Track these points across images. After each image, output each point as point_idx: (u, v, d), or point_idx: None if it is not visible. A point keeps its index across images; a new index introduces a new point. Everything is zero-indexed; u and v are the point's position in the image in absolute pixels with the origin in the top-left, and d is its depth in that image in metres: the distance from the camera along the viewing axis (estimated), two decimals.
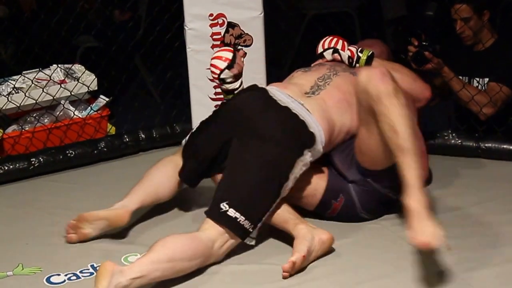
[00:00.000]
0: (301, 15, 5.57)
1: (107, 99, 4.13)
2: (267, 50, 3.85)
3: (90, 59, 4.29)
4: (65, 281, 2.76)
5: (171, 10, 4.17)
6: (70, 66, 4.17)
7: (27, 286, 2.74)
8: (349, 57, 3.25)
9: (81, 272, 2.81)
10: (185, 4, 3.77)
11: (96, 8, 4.67)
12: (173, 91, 4.47)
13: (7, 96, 3.86)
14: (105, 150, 3.89)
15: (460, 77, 3.84)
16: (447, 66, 3.72)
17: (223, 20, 3.78)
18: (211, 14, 3.77)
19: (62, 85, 3.99)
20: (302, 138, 2.93)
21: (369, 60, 3.23)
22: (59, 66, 4.09)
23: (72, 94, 4.01)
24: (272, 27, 4.00)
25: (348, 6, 5.53)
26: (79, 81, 4.04)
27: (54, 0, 4.39)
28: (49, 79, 3.98)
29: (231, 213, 2.80)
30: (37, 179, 3.69)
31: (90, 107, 4.09)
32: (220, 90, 3.30)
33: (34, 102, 3.90)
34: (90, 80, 4.08)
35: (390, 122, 2.76)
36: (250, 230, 2.83)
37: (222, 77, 3.13)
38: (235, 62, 3.13)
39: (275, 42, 4.32)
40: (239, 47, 3.80)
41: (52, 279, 2.77)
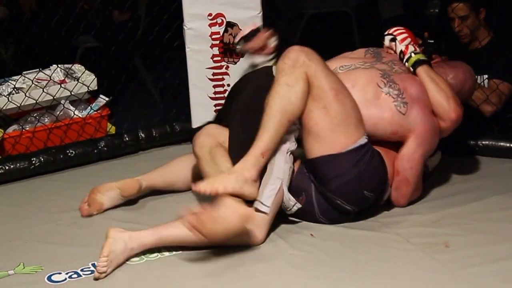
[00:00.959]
0: (299, 15, 5.58)
1: (107, 99, 4.14)
2: None
3: (90, 59, 4.29)
4: (66, 279, 2.77)
5: (170, 10, 4.18)
6: (70, 66, 4.17)
7: (28, 285, 2.74)
8: (401, 51, 3.29)
9: (82, 270, 2.81)
10: (184, 4, 3.78)
11: (95, 8, 4.68)
12: (172, 91, 4.48)
13: (8, 96, 3.87)
14: (105, 149, 3.90)
15: None
16: None
17: (222, 19, 3.80)
18: (210, 14, 3.79)
19: (62, 85, 4.00)
20: None
21: (419, 62, 3.21)
22: (59, 66, 4.10)
23: (72, 94, 4.02)
24: (270, 27, 4.01)
25: (346, 6, 5.54)
26: (79, 81, 4.04)
27: (54, 0, 4.39)
28: (49, 79, 3.99)
29: None
30: (37, 179, 3.70)
31: (90, 107, 4.10)
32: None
33: (35, 102, 3.91)
34: (90, 80, 4.09)
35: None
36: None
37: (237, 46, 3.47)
38: (252, 38, 3.39)
39: None
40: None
41: (53, 278, 2.77)
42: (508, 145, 3.71)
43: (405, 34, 3.31)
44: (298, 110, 2.94)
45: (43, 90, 3.92)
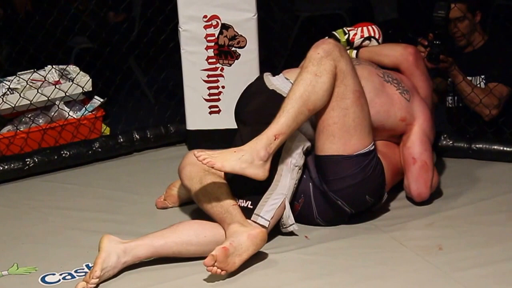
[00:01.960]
0: (294, 17, 5.59)
1: (102, 100, 4.13)
2: (261, 52, 3.88)
3: (85, 60, 4.29)
4: (60, 280, 2.76)
5: (165, 12, 4.17)
6: (64, 67, 4.17)
7: (22, 285, 2.74)
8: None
9: (76, 271, 2.81)
10: (179, 5, 3.79)
11: (90, 9, 4.68)
12: (167, 92, 4.49)
13: (2, 96, 3.86)
14: (99, 150, 3.90)
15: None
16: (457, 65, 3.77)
17: (217, 21, 3.80)
18: (205, 16, 3.79)
19: (57, 86, 3.99)
20: None
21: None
22: (54, 67, 4.10)
23: (66, 94, 4.01)
24: (265, 29, 4.02)
25: (340, 8, 5.56)
26: (74, 82, 4.04)
27: (49, 1, 4.39)
28: (44, 80, 3.99)
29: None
30: (32, 179, 3.70)
31: (84, 108, 4.09)
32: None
33: (29, 102, 3.90)
34: (84, 81, 4.08)
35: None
36: (250, 206, 2.89)
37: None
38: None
39: (269, 43, 4.34)
40: (233, 49, 3.83)
41: (47, 279, 2.77)
42: (501, 148, 3.71)
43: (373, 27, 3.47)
44: (320, 102, 2.89)
45: (38, 91, 3.92)
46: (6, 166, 3.67)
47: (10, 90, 3.90)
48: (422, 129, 3.22)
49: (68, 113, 4.01)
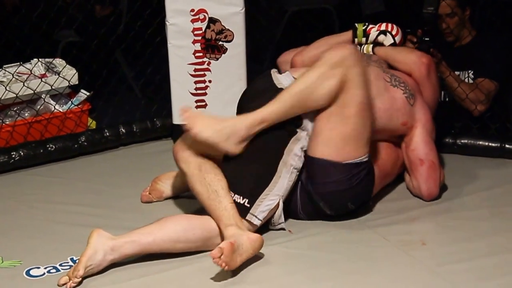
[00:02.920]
0: (281, 12, 5.59)
1: (88, 94, 4.13)
2: (248, 46, 3.87)
3: (71, 54, 4.28)
4: (44, 274, 2.76)
5: (152, 5, 4.17)
6: (51, 60, 4.16)
7: (7, 279, 2.73)
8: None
9: (60, 265, 2.80)
10: None
11: (77, 2, 4.66)
12: (153, 86, 4.48)
13: None
14: (85, 144, 3.89)
15: None
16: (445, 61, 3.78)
17: (205, 15, 3.80)
18: (193, 10, 3.78)
19: (43, 79, 3.98)
20: None
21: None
22: (40, 60, 4.08)
23: (53, 88, 4.00)
24: (252, 23, 4.02)
25: (327, 3, 5.56)
26: (60, 75, 4.03)
27: None
28: (30, 73, 3.97)
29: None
30: (17, 173, 3.68)
31: (71, 101, 4.08)
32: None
33: (15, 96, 3.89)
34: (71, 74, 4.07)
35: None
36: (247, 205, 2.88)
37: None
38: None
39: (256, 37, 4.34)
40: (220, 43, 3.82)
41: (31, 272, 2.76)
42: (486, 144, 3.73)
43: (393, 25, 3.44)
44: (315, 104, 2.90)
45: (24, 84, 3.90)
46: None
47: None
48: (425, 129, 3.26)
49: (54, 106, 4.00)
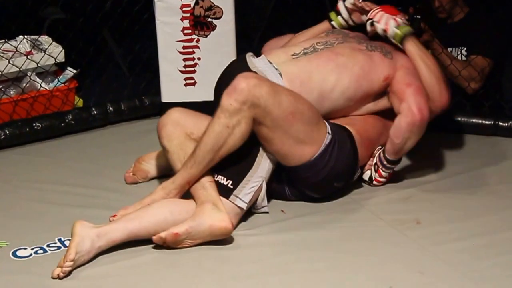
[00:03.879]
0: None
1: (75, 71, 4.08)
2: (237, 23, 3.83)
3: (58, 31, 4.22)
4: (31, 255, 2.73)
5: None
6: (37, 37, 4.11)
7: None
8: (383, 30, 3.23)
9: (48, 246, 2.78)
10: None
11: None
12: (141, 64, 4.44)
13: None
14: (72, 122, 3.85)
15: None
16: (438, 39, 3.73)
17: None
18: None
19: (29, 56, 3.93)
20: None
21: (405, 36, 3.19)
22: (26, 37, 4.04)
23: (39, 65, 3.96)
24: (242, 0, 3.97)
25: None
26: (46, 52, 3.99)
27: None
28: (15, 50, 3.93)
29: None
30: (3, 152, 3.64)
31: (57, 79, 4.04)
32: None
33: (0, 73, 3.84)
34: (57, 51, 4.03)
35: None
36: (231, 186, 2.86)
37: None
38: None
39: (246, 15, 4.29)
40: (209, 19, 3.78)
41: (18, 253, 2.74)
42: (480, 121, 3.71)
43: (380, 12, 3.26)
44: (234, 148, 2.86)
45: (9, 62, 3.86)
46: None
47: None
48: (406, 67, 3.15)
49: (40, 84, 3.96)
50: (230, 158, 2.88)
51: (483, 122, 3.71)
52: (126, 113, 4.01)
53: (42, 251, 2.75)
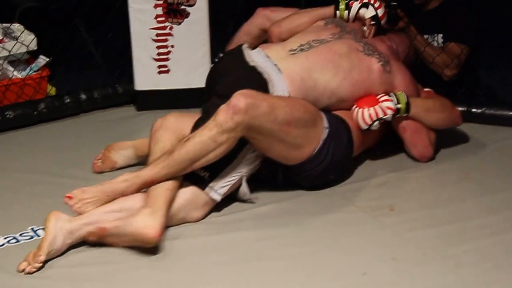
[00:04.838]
0: None
1: (47, 59, 4.06)
2: (211, 10, 3.82)
3: (30, 19, 4.19)
4: (4, 244, 2.71)
5: None
6: (8, 25, 4.08)
7: None
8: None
9: (21, 235, 2.76)
10: None
11: None
12: (115, 52, 4.41)
13: None
14: (45, 111, 3.83)
15: None
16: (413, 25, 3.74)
17: None
18: None
19: (1, 44, 3.91)
20: None
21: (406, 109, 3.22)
22: None
23: (11, 53, 3.93)
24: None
25: None
26: (18, 40, 3.96)
27: None
28: None
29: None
30: None
31: (29, 67, 4.02)
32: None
33: None
34: (29, 39, 4.00)
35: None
36: (207, 178, 2.84)
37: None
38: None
39: (219, 2, 4.27)
40: (183, 7, 3.76)
41: None
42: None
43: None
44: (208, 163, 2.81)
45: None
46: None
47: None
48: (403, 86, 3.23)
49: (12, 72, 3.94)
50: None
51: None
52: (99, 101, 3.99)
53: (15, 241, 2.72)
